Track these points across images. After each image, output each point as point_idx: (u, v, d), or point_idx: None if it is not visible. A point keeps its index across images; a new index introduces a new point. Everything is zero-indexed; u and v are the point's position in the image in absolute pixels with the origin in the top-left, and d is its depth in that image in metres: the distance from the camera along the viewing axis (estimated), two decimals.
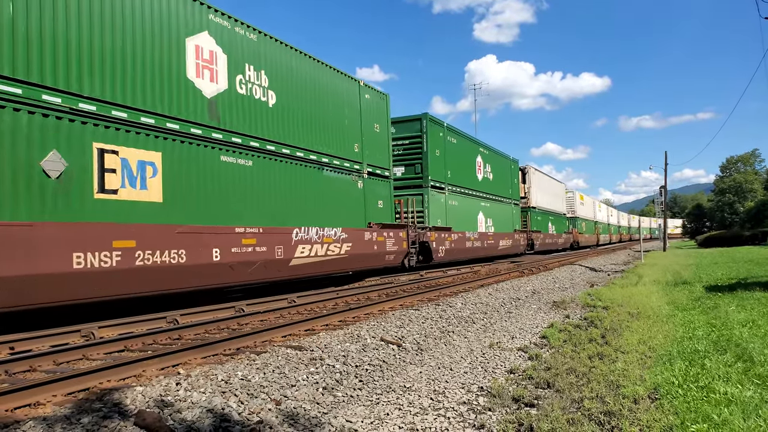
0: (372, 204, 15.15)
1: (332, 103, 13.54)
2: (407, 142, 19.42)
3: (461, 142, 22.69)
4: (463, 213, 21.98)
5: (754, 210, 65.96)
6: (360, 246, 13.97)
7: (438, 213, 19.54)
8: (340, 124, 13.83)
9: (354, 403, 4.82)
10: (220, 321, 8.23)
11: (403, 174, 19.28)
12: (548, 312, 10.29)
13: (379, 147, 15.67)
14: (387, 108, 16.43)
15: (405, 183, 19.21)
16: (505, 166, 28.87)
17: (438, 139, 19.99)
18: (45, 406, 4.22)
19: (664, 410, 4.17)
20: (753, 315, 8.08)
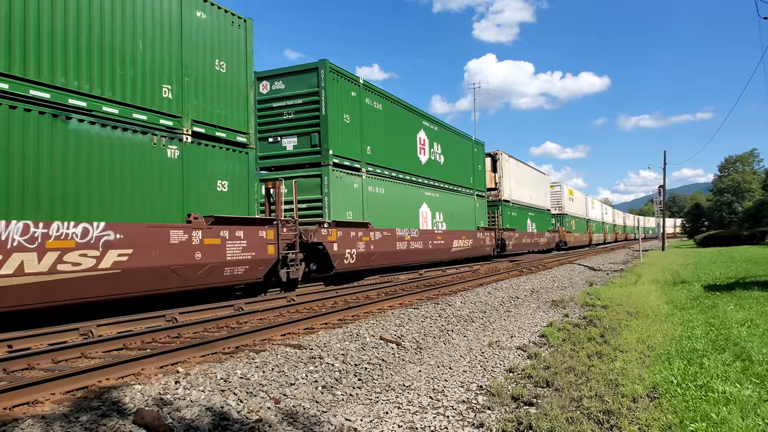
0: (201, 185, 9.94)
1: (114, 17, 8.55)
2: (299, 102, 14.08)
3: (391, 110, 17.34)
4: (395, 205, 17.03)
5: (753, 209, 66.07)
6: (149, 253, 8.55)
7: (347, 203, 14.45)
8: (129, 48, 8.78)
9: (353, 402, 4.82)
10: (219, 319, 8.22)
11: (295, 147, 14.13)
12: (547, 311, 10.30)
13: (226, 97, 10.61)
14: (246, 40, 11.29)
15: (297, 161, 14.12)
16: (464, 149, 23.79)
17: (348, 101, 14.85)
18: (43, 405, 4.22)
19: (662, 409, 4.18)
20: (751, 314, 8.09)
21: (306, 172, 13.92)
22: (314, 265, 13.49)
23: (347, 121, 14.68)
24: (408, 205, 17.95)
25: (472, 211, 24.01)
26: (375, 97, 16.35)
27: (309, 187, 13.79)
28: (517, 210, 30.57)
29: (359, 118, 15.35)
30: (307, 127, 14.01)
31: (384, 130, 16.77)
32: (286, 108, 14.27)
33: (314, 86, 13.97)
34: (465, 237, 22.35)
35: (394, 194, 17.10)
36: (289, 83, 14.36)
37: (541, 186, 37.33)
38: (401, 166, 17.75)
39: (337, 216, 13.95)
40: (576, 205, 47.94)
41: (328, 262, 13.40)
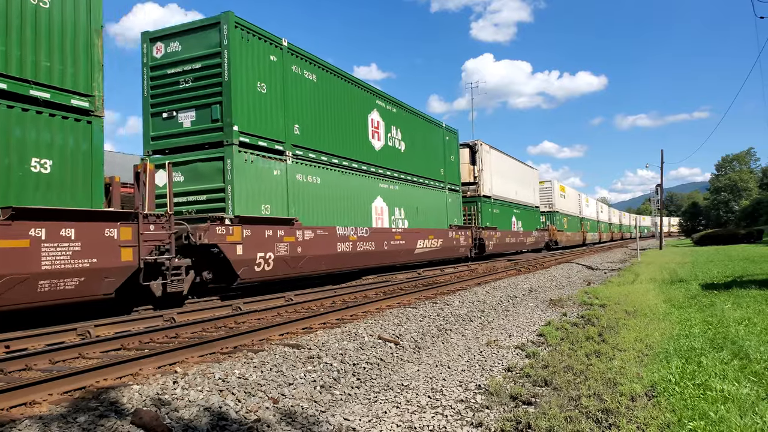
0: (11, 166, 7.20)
1: None
2: (198, 66, 11.19)
3: (331, 83, 14.14)
4: (338, 198, 14.11)
5: (750, 208, 66.29)
6: None
7: (263, 194, 11.42)
8: None
9: (352, 402, 4.81)
10: (217, 319, 8.20)
11: (193, 123, 11.23)
12: (545, 310, 10.31)
13: (53, 43, 7.70)
14: None
15: (195, 140, 11.20)
16: (432, 136, 20.80)
17: (265, 67, 11.76)
18: (41, 405, 4.20)
19: (661, 408, 4.18)
20: (749, 313, 8.11)
21: (205, 155, 10.95)
22: (210, 274, 10.37)
23: (263, 92, 11.61)
24: (357, 198, 14.93)
25: (442, 207, 20.98)
26: (306, 65, 13.23)
27: (208, 173, 10.87)
28: (499, 207, 27.74)
29: (282, 89, 12.25)
30: (206, 97, 11.04)
31: (321, 106, 13.66)
32: (183, 75, 11.29)
33: (215, 46, 10.99)
34: (433, 237, 19.34)
35: (336, 185, 14.05)
36: (186, 44, 11.39)
37: (528, 181, 34.46)
38: (347, 151, 14.66)
39: (247, 210, 10.91)
40: (568, 203, 45.42)
41: (229, 269, 10.30)
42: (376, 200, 16.10)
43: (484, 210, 25.49)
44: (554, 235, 38.92)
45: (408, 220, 17.97)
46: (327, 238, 13.16)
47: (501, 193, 28.30)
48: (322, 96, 13.84)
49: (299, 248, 12.09)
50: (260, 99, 11.61)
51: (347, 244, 14.04)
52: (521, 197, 32.18)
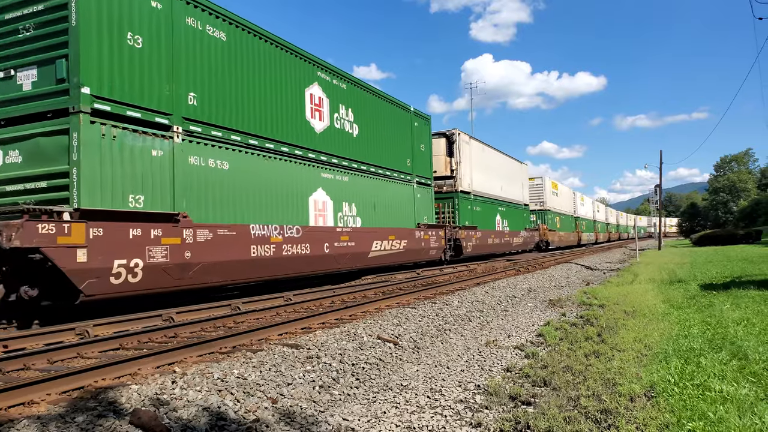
0: None
1: None
2: (40, 8, 8.43)
3: (247, 45, 11.37)
4: (258, 189, 11.29)
5: (748, 209, 66.39)
6: None
7: (133, 180, 8.67)
8: None
9: (351, 402, 4.81)
10: (216, 319, 8.19)
11: (35, 84, 8.39)
12: (544, 310, 10.32)
13: None
14: None
15: (36, 107, 8.30)
16: (397, 121, 17.82)
17: (141, 13, 9.05)
18: (39, 405, 4.19)
19: (660, 408, 4.18)
20: (747, 313, 8.11)
21: (46, 127, 8.16)
22: (34, 290, 7.60)
23: (136, 46, 8.88)
24: (287, 190, 12.07)
25: (409, 203, 18.22)
26: (211, 19, 10.41)
27: (50, 151, 8.13)
28: (481, 204, 25.21)
29: (168, 46, 9.46)
30: (50, 49, 8.28)
31: (233, 73, 10.88)
32: (23, 21, 8.53)
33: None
34: (395, 237, 16.41)
35: (255, 173, 11.15)
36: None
37: (516, 177, 31.99)
38: (272, 131, 11.77)
39: (104, 202, 8.15)
40: (562, 201, 43.02)
41: (66, 283, 7.50)
42: (316, 193, 13.12)
43: (462, 207, 22.97)
44: (546, 235, 36.70)
45: (361, 218, 15.06)
46: (235, 239, 10.20)
47: (483, 188, 25.80)
48: (235, 60, 10.94)
49: (188, 253, 9.18)
50: (132, 55, 8.81)
51: (267, 247, 11.07)
52: (507, 194, 29.96)
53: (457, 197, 22.90)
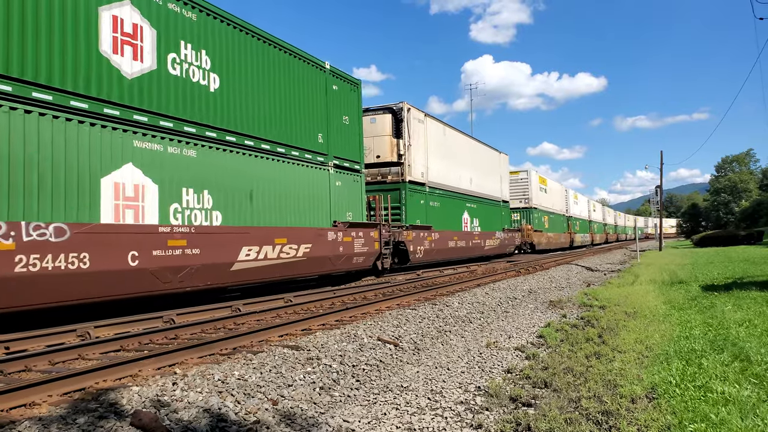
0: None
1: None
2: None
3: None
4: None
5: (750, 209, 66.32)
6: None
7: None
8: None
9: (351, 403, 4.80)
10: (217, 321, 8.20)
11: None
12: (545, 311, 10.31)
13: None
14: None
15: None
16: (301, 80, 13.27)
17: None
18: (41, 407, 4.20)
19: (661, 410, 4.18)
20: (749, 314, 8.10)
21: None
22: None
23: None
24: (50, 167, 7.62)
25: (321, 193, 13.69)
26: None
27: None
28: (440, 198, 20.83)
29: None
30: None
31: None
32: None
33: None
34: (287, 240, 11.95)
35: None
36: None
37: (491, 168, 27.34)
38: (20, 67, 7.43)
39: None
40: (551, 198, 38.72)
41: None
42: (119, 172, 8.62)
43: (411, 201, 18.42)
44: (530, 236, 32.25)
45: (224, 213, 10.54)
46: None
47: (444, 179, 21.29)
48: None
49: None
50: None
51: None
52: (479, 188, 25.20)
53: (405, 189, 18.33)
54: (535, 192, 35.11)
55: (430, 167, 20.23)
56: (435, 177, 20.58)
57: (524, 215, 33.92)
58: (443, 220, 21.08)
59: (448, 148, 22.16)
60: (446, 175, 21.72)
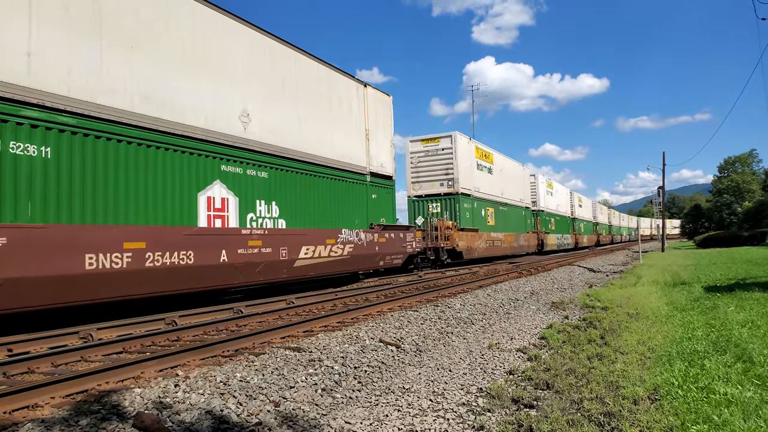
0: None
1: None
2: None
3: None
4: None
5: (752, 210, 66.12)
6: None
7: None
8: None
9: (353, 405, 4.80)
10: (219, 322, 8.21)
11: None
12: (547, 313, 10.29)
13: None
14: None
15: None
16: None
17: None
18: (43, 408, 4.21)
19: (664, 411, 4.17)
20: (752, 315, 8.07)
21: None
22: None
23: None
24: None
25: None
26: None
27: None
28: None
29: None
30: None
31: None
32: None
33: None
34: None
35: None
36: None
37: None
38: None
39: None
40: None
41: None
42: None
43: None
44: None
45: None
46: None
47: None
48: None
49: None
50: None
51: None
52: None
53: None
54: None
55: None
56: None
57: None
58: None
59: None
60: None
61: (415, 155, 24.46)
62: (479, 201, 25.76)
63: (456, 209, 23.35)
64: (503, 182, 29.44)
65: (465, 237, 23.28)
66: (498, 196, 28.41)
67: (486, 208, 26.70)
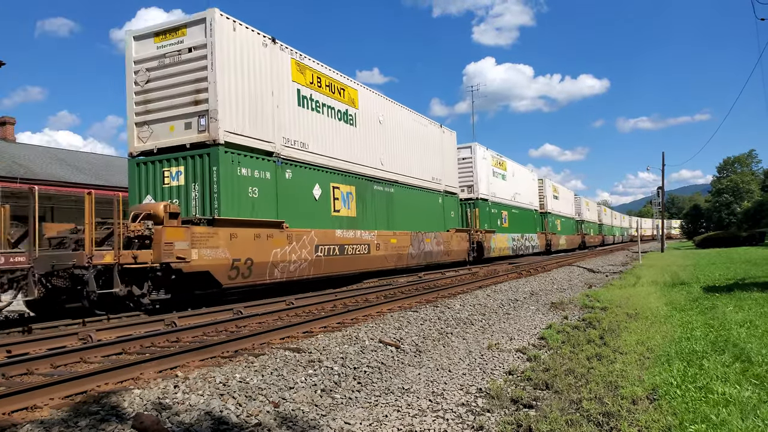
0: None
1: None
2: None
3: None
4: None
5: (752, 210, 66.12)
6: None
7: None
8: None
9: (352, 405, 4.81)
10: (219, 323, 8.21)
11: None
12: (546, 313, 10.30)
13: None
14: None
15: None
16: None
17: None
18: (42, 410, 4.21)
19: (662, 411, 4.17)
20: (750, 315, 8.09)
21: None
22: None
23: None
24: None
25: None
26: None
27: None
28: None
29: None
30: None
31: None
32: None
33: None
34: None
35: None
36: None
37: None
38: None
39: None
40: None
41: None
42: None
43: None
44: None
45: None
46: None
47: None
48: None
49: None
50: None
51: None
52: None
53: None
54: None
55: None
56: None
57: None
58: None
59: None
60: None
61: (143, 65, 12.34)
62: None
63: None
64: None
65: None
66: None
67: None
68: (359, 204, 16.49)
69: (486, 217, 26.74)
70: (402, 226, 18.86)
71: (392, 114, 19.29)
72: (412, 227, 19.46)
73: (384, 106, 18.79)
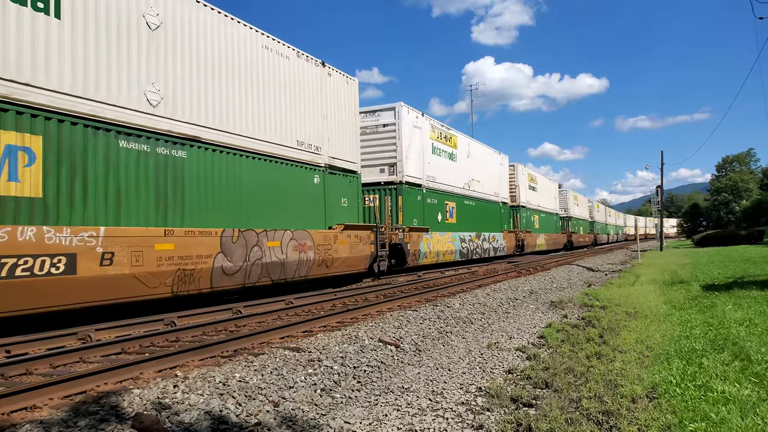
0: None
1: None
2: None
3: None
4: None
5: (750, 209, 66.24)
6: None
7: None
8: None
9: (352, 405, 4.81)
10: (218, 323, 8.20)
11: None
12: (546, 312, 10.30)
13: None
14: None
15: None
16: None
17: None
18: (42, 410, 4.20)
19: (662, 409, 4.18)
20: (750, 314, 8.10)
21: None
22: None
23: None
24: None
25: None
26: None
27: None
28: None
29: None
30: None
31: None
32: None
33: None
34: None
35: None
36: None
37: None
38: None
39: None
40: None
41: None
42: None
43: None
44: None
45: None
46: None
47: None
48: None
49: None
50: None
51: None
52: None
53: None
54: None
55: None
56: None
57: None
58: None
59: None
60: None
61: None
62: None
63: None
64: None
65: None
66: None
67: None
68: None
69: (416, 209, 19.44)
70: None
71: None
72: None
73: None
